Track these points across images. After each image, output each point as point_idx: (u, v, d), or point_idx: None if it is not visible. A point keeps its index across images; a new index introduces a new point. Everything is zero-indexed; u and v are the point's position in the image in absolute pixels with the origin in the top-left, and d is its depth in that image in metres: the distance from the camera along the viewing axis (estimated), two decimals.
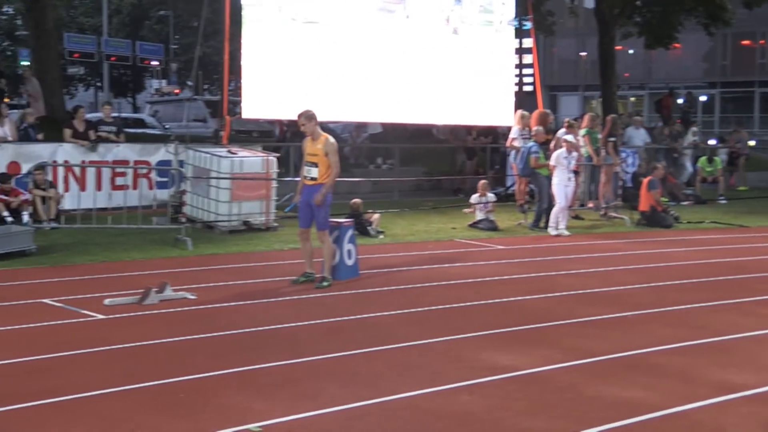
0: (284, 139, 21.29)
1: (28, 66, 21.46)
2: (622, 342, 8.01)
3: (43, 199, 14.07)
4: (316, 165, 10.44)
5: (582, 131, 17.42)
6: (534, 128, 16.95)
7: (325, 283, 10.41)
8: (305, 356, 7.34)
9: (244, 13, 16.90)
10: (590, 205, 18.00)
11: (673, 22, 31.29)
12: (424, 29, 19.68)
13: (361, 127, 23.12)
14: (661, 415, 6.05)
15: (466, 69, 20.24)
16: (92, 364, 7.01)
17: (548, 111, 18.78)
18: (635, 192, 18.53)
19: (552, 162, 15.57)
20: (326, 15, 18.10)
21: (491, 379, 6.80)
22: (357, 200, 15.05)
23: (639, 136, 23.60)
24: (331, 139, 10.53)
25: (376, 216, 15.02)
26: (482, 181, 16.83)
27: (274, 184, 15.07)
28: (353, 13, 18.62)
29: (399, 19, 19.31)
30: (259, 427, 5.65)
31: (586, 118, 18.02)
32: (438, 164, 23.72)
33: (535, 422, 5.91)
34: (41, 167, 14.32)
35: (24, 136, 15.94)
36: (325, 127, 25.09)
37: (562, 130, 16.79)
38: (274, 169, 15.04)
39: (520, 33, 22.06)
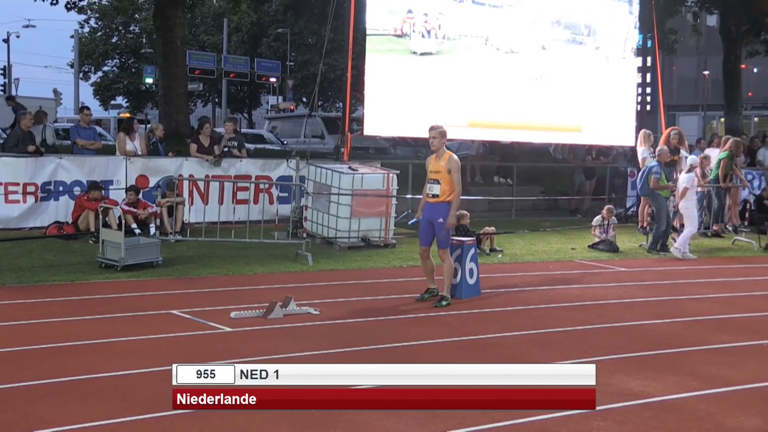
0: None
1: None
2: (759, 371, 7.75)
3: (170, 212, 14.41)
4: (438, 182, 10.43)
5: (723, 154, 17.07)
6: (659, 147, 16.51)
7: (444, 302, 10.38)
8: None
9: (368, 40, 17.06)
10: (715, 228, 17.54)
11: None
12: (546, 48, 19.53)
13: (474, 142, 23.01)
14: None
15: (586, 88, 19.99)
16: None
17: (677, 129, 18.28)
18: (763, 216, 17.90)
19: (686, 184, 15.17)
20: (446, 47, 18.08)
21: (624, 404, 6.64)
22: (462, 212, 14.93)
23: None
24: (455, 157, 10.50)
25: (490, 230, 14.84)
26: (608, 206, 16.49)
27: (394, 201, 15.12)
28: (474, 43, 18.56)
29: (521, 42, 19.18)
30: None
31: (730, 142, 17.67)
32: (554, 183, 23.45)
33: None
34: (171, 182, 14.67)
35: (153, 150, 16.33)
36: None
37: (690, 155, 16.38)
38: (395, 186, 15.08)
39: (642, 51, 21.68)
